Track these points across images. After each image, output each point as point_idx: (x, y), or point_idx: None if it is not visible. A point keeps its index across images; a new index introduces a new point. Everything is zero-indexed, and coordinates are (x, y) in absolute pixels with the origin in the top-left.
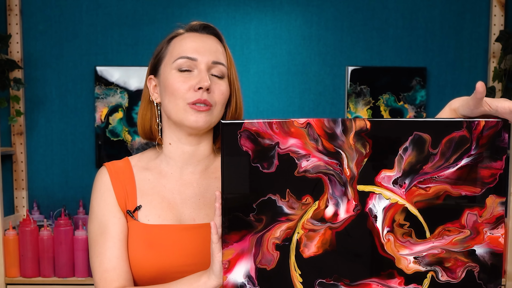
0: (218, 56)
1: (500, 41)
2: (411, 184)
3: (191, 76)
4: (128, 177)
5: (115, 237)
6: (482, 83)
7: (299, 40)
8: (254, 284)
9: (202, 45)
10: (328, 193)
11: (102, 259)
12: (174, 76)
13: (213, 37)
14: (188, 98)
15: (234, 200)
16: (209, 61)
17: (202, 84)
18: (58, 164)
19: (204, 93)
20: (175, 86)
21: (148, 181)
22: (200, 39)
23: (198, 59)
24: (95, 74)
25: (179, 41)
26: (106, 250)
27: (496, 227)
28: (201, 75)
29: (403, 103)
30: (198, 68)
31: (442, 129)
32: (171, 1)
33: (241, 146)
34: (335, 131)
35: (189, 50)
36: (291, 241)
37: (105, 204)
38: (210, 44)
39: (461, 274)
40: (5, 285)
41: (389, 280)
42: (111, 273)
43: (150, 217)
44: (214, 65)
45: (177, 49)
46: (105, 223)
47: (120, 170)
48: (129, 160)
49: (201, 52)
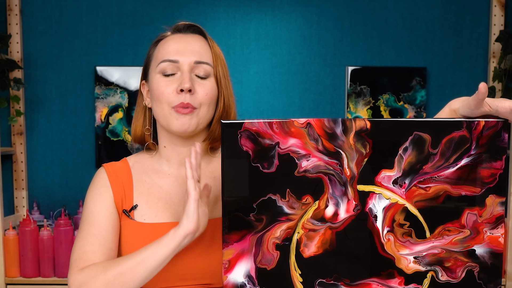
0: (201, 55)
1: (500, 41)
2: (411, 184)
3: (174, 79)
4: (126, 177)
5: (103, 227)
6: (485, 84)
7: (299, 40)
8: (254, 284)
9: (184, 45)
10: (328, 193)
11: (83, 243)
12: (158, 80)
13: (198, 36)
14: (172, 102)
15: (234, 200)
16: (191, 62)
17: (183, 86)
18: (58, 164)
19: (186, 95)
20: (159, 90)
21: (145, 182)
22: (183, 40)
23: (179, 60)
24: (95, 74)
25: (163, 44)
26: (90, 236)
27: (496, 227)
28: (183, 77)
29: (403, 103)
30: (181, 69)
31: (442, 129)
32: (171, 1)
33: (242, 146)
34: (335, 131)
35: (171, 53)
36: (291, 241)
37: (100, 198)
38: (193, 44)
39: (461, 274)
40: (5, 285)
41: (389, 280)
42: (89, 254)
43: (146, 217)
44: (197, 65)
45: (161, 52)
46: (96, 214)
47: (118, 170)
48: (127, 160)
49: (183, 53)
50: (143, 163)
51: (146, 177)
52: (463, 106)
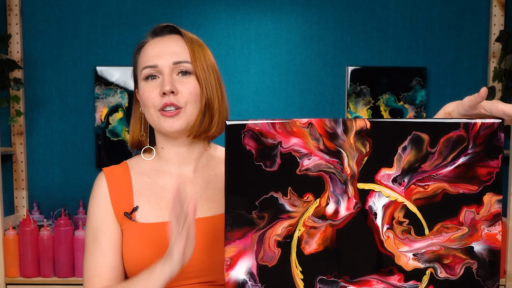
0: (179, 55)
1: (500, 41)
2: (410, 182)
3: (156, 83)
4: (126, 181)
5: (103, 245)
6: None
7: (299, 40)
8: (255, 280)
9: (161, 49)
10: (329, 191)
11: (89, 266)
12: (144, 87)
13: (175, 36)
14: (158, 105)
15: (237, 198)
16: (170, 63)
17: (164, 89)
18: (58, 164)
19: (170, 96)
20: (145, 96)
21: (146, 183)
22: (160, 43)
23: (158, 64)
24: (95, 74)
25: (143, 51)
26: (94, 257)
27: (494, 224)
28: (163, 80)
29: (403, 103)
30: (162, 73)
31: (440, 129)
32: (171, 1)
33: (245, 145)
34: (336, 131)
35: (150, 59)
36: (292, 238)
37: (99, 211)
38: (170, 46)
39: (460, 270)
40: (5, 285)
41: (389, 276)
42: (95, 279)
43: (148, 217)
44: (177, 65)
45: (142, 59)
46: (96, 230)
47: (118, 174)
48: (127, 163)
49: (160, 57)
50: (143, 164)
51: (146, 178)
52: (457, 107)
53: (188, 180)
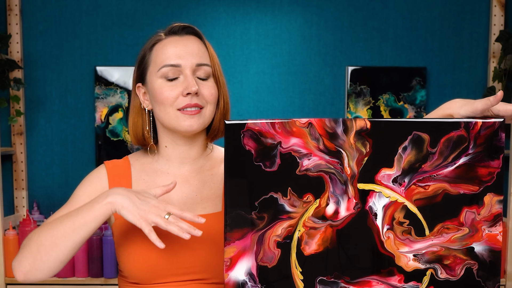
0: (201, 57)
1: (500, 41)
2: (410, 182)
3: (177, 83)
4: (125, 178)
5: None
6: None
7: (299, 40)
8: (255, 281)
9: (184, 49)
10: (329, 192)
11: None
12: (161, 85)
13: (194, 37)
14: (178, 105)
15: (236, 199)
16: (193, 65)
17: (190, 90)
18: (58, 164)
19: (193, 97)
20: (164, 95)
21: (144, 181)
22: (181, 43)
23: (182, 64)
24: (95, 74)
25: (161, 48)
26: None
27: (494, 224)
28: (188, 81)
29: (403, 103)
30: (183, 73)
31: (440, 129)
32: (171, 1)
33: (244, 146)
34: (336, 131)
35: (171, 57)
36: (292, 239)
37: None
38: (191, 47)
39: (460, 271)
40: (5, 285)
41: (389, 277)
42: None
43: None
44: (199, 67)
45: (160, 56)
46: (79, 200)
47: (119, 169)
48: (128, 158)
49: (183, 57)
50: (143, 161)
51: (145, 175)
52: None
53: (185, 180)
